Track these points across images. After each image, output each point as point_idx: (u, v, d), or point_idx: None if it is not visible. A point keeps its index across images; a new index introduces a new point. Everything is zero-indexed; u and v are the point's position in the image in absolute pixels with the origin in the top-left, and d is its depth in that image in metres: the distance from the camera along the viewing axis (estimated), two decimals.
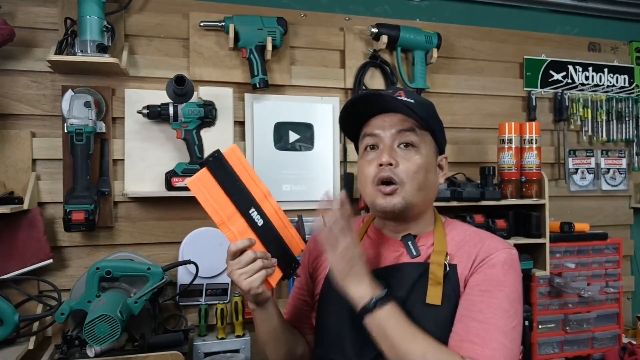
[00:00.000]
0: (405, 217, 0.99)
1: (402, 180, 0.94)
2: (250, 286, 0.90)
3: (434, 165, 1.01)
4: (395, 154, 0.96)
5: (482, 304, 0.89)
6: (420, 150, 0.97)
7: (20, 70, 1.65)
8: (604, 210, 2.38)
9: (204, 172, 0.89)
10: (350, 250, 0.89)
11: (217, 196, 0.90)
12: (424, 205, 1.00)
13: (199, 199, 0.89)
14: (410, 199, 0.95)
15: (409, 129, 0.96)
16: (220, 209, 0.90)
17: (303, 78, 1.94)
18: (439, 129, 1.02)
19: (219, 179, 0.90)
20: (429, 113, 0.98)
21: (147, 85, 1.76)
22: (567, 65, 2.31)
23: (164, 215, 1.77)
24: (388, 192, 0.95)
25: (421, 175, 0.95)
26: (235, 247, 0.90)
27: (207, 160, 0.90)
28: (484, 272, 0.92)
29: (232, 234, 0.91)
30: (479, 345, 0.85)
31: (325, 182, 1.94)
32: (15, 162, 1.62)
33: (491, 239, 0.98)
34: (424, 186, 0.96)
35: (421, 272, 0.95)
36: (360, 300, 0.87)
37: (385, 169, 0.95)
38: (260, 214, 0.94)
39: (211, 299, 1.75)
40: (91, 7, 1.58)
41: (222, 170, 0.91)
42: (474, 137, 2.17)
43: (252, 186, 0.95)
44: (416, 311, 0.92)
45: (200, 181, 0.88)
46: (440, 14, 2.18)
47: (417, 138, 0.96)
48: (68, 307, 1.37)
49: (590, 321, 2.08)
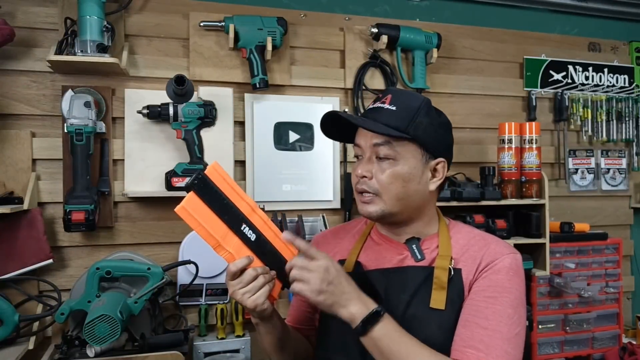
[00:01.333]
0: (392, 222, 1.00)
1: (377, 191, 0.95)
2: (256, 304, 0.88)
3: (419, 173, 0.97)
4: (373, 165, 0.96)
5: (487, 310, 0.89)
6: (398, 162, 0.95)
7: (20, 70, 1.65)
8: (604, 210, 2.37)
9: (192, 197, 0.86)
10: (325, 278, 0.86)
11: (208, 218, 0.87)
12: (410, 212, 0.99)
13: (191, 225, 0.86)
14: (389, 208, 0.96)
15: (382, 143, 0.95)
16: (213, 231, 0.88)
17: (303, 78, 1.94)
18: (428, 134, 0.96)
19: (207, 201, 0.87)
20: (410, 120, 0.94)
21: (147, 85, 1.76)
22: (567, 65, 2.31)
23: (164, 215, 1.77)
24: (366, 201, 0.97)
25: (398, 186, 0.95)
26: (235, 268, 0.88)
27: (193, 183, 0.87)
28: (489, 277, 0.93)
29: (229, 254, 0.89)
30: (484, 352, 0.85)
31: (325, 182, 1.94)
32: (15, 162, 1.62)
33: (496, 243, 0.98)
34: (403, 196, 0.96)
35: (426, 276, 0.95)
36: (352, 322, 0.86)
37: (360, 181, 0.97)
38: (252, 229, 0.92)
39: (211, 299, 1.75)
40: (91, 7, 1.57)
41: (208, 191, 0.88)
42: (474, 137, 2.17)
43: (239, 201, 0.92)
44: (420, 315, 0.92)
45: (188, 206, 0.85)
46: (440, 14, 2.18)
47: (391, 151, 0.94)
48: (68, 307, 1.37)
49: (590, 321, 2.08)
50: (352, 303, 0.87)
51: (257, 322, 0.98)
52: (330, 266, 0.87)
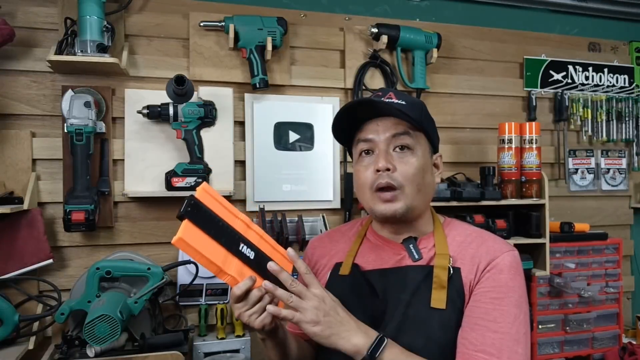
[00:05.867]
0: (406, 220, 0.99)
1: (401, 184, 0.94)
2: (263, 324, 0.86)
3: (430, 165, 1.01)
4: (392, 158, 0.95)
5: (495, 312, 0.89)
6: (416, 152, 0.96)
7: (20, 70, 1.65)
8: (604, 210, 2.37)
9: (186, 225, 0.83)
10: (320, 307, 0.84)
11: (205, 245, 0.84)
12: (423, 206, 1.01)
13: (190, 255, 0.83)
14: (411, 202, 0.95)
15: (403, 132, 0.96)
16: (213, 257, 0.84)
17: (303, 78, 1.94)
18: (431, 129, 1.01)
19: (202, 227, 0.84)
20: (421, 113, 0.97)
21: (147, 85, 1.76)
22: (567, 65, 2.31)
23: (164, 215, 1.77)
24: (388, 199, 0.94)
25: (419, 177, 0.96)
26: (239, 291, 0.85)
27: (186, 211, 0.83)
28: (492, 278, 0.92)
29: (231, 278, 0.86)
30: (496, 356, 0.86)
31: (325, 182, 1.94)
32: (15, 162, 1.62)
33: (493, 240, 0.99)
34: (422, 187, 0.97)
35: (425, 275, 0.95)
36: (358, 354, 0.84)
37: (382, 175, 0.94)
38: (250, 247, 0.90)
39: (211, 299, 1.75)
40: (91, 7, 1.58)
41: (202, 215, 0.85)
42: (474, 137, 2.17)
43: (234, 220, 0.90)
44: (420, 314, 0.92)
45: (185, 236, 0.81)
46: (440, 14, 2.18)
47: (412, 140, 0.96)
48: (68, 307, 1.37)
49: (590, 321, 2.08)
50: (353, 334, 0.85)
51: (263, 337, 0.96)
52: (326, 296, 0.86)
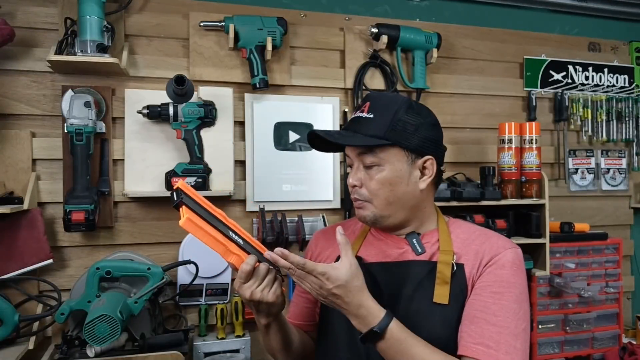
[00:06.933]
0: (387, 225, 1.01)
1: (367, 198, 0.98)
2: (276, 294, 0.91)
3: (406, 174, 0.97)
4: (362, 173, 0.99)
5: (494, 306, 0.90)
6: (384, 167, 0.96)
7: (20, 70, 1.65)
8: (604, 210, 2.37)
9: (187, 210, 0.88)
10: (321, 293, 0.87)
11: (207, 228, 0.89)
12: (403, 213, 1.00)
13: (198, 236, 0.88)
14: (380, 212, 0.98)
15: (365, 152, 0.97)
16: (218, 237, 0.89)
17: (303, 78, 1.94)
18: (409, 134, 0.96)
19: (198, 213, 0.89)
20: (389, 124, 0.95)
21: (147, 85, 1.76)
22: (567, 65, 2.31)
23: (164, 215, 1.77)
24: (358, 206, 1.01)
25: (386, 191, 0.97)
26: (248, 267, 0.89)
27: (180, 199, 0.88)
28: (494, 272, 0.93)
29: (237, 257, 0.90)
30: (494, 349, 0.86)
31: (325, 182, 1.94)
32: (15, 162, 1.62)
33: (497, 237, 1.00)
34: (393, 199, 0.97)
35: (428, 270, 0.96)
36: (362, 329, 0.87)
37: (352, 190, 1.01)
38: (235, 233, 0.93)
39: (211, 299, 1.75)
40: (91, 7, 1.57)
41: (194, 203, 0.90)
42: (474, 137, 2.17)
43: (215, 211, 0.94)
44: (423, 309, 0.93)
45: (190, 219, 0.87)
46: (440, 14, 2.18)
47: (375, 158, 0.96)
48: (68, 307, 1.37)
49: (590, 321, 2.08)
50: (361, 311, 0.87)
51: (269, 321, 0.98)
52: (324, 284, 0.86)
